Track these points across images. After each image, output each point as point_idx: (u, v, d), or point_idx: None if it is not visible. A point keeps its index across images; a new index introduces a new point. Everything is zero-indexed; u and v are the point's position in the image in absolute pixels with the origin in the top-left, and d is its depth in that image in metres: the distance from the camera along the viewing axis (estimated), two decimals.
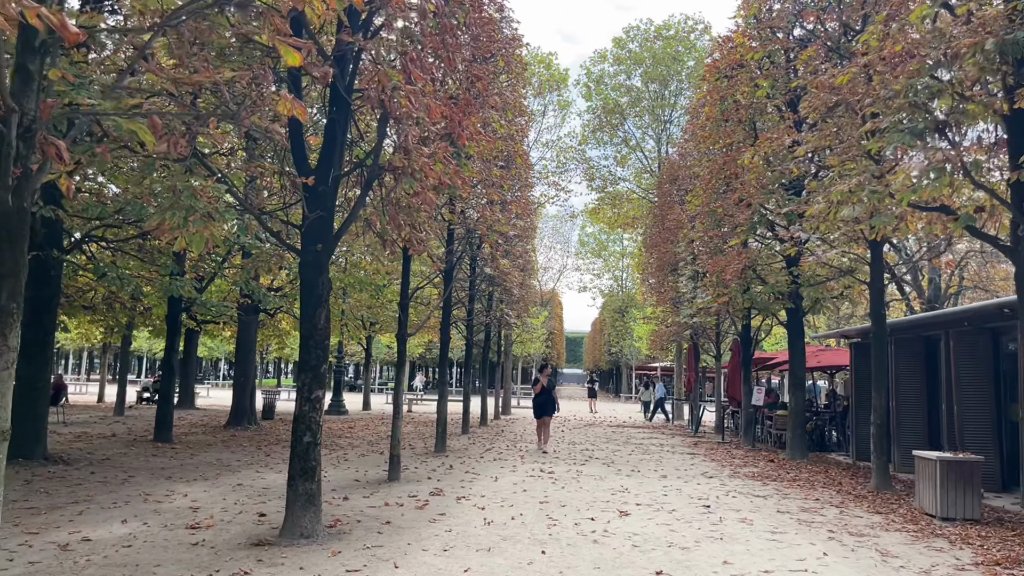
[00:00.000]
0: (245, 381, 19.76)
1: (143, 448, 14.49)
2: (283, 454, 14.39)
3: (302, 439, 7.36)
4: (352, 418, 25.70)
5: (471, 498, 9.94)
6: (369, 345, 31.98)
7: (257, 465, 12.69)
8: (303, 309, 7.52)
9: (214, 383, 58.97)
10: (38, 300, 11.75)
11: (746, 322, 19.06)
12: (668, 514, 9.06)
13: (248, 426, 19.46)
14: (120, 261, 14.83)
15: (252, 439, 17.12)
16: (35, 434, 11.56)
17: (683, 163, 25.32)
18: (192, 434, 17.81)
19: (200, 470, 11.86)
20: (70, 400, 29.92)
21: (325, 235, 7.51)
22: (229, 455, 13.98)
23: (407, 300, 11.89)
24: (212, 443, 15.95)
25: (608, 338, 63.63)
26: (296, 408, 7.45)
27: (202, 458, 13.39)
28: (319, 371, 7.46)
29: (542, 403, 16.57)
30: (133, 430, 18.37)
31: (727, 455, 16.40)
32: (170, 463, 12.56)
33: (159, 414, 15.78)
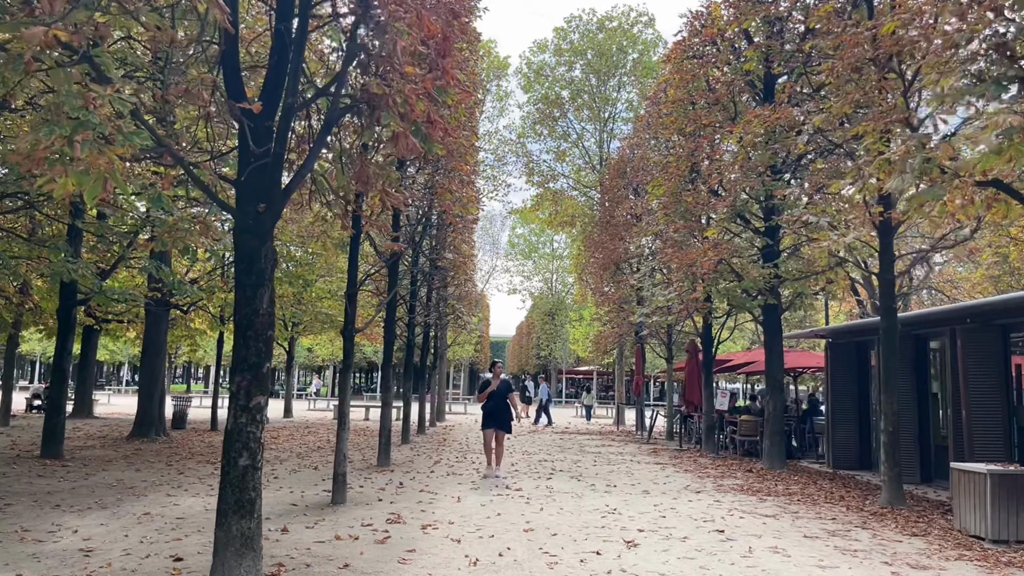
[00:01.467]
0: (153, 386, 17.34)
1: (26, 466, 12.09)
2: (200, 471, 12.26)
3: (237, 462, 5.51)
4: (274, 426, 23.41)
5: (439, 526, 8.22)
6: (292, 347, 29.60)
7: (168, 486, 10.59)
8: (239, 289, 5.68)
9: (116, 389, 54.66)
10: None
11: (708, 321, 17.95)
12: (682, 543, 7.59)
13: (156, 437, 17.05)
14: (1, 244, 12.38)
15: (160, 453, 14.82)
16: None
17: (633, 156, 24.19)
18: (88, 448, 15.35)
19: (96, 495, 9.69)
20: None
21: (270, 191, 5.70)
22: (133, 474, 11.77)
23: (355, 290, 10.07)
24: (112, 459, 13.62)
25: (537, 341, 62.48)
26: (229, 420, 5.60)
27: (99, 478, 11.16)
28: (260, 370, 5.63)
29: (492, 411, 12.60)
30: (17, 443, 15.73)
31: (696, 464, 15.15)
32: (59, 486, 10.31)
33: (47, 425, 13.34)
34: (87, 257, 13.18)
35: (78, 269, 9.01)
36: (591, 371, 61.34)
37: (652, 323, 19.46)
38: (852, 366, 14.89)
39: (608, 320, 26.99)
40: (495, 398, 12.67)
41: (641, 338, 24.57)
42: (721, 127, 14.27)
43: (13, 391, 22.40)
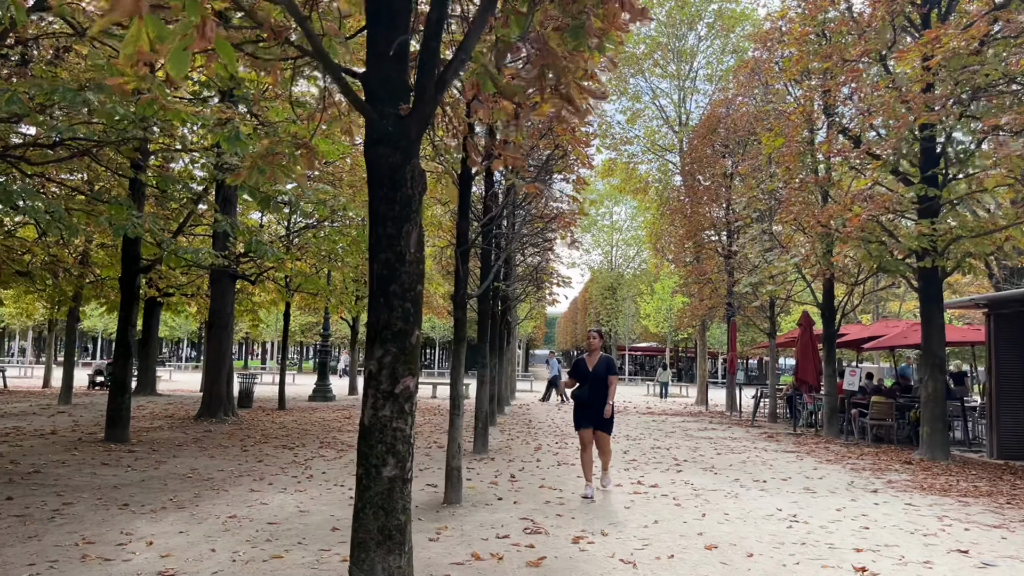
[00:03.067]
0: (220, 363, 16.04)
1: (89, 452, 10.80)
2: (279, 459, 10.81)
3: (380, 471, 3.86)
4: (343, 405, 22.10)
5: (591, 538, 6.53)
6: (355, 323, 28.29)
7: (249, 478, 9.13)
8: (377, 226, 3.99)
9: (176, 365, 54.54)
10: None
11: (831, 289, 15.87)
12: (928, 570, 5.76)
13: (225, 418, 15.77)
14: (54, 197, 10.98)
15: (232, 436, 13.48)
16: None
17: (727, 112, 22.01)
18: (155, 429, 14.10)
19: (170, 489, 8.26)
20: (9, 386, 25.83)
21: (405, 89, 4.02)
22: (207, 462, 10.37)
23: (467, 246, 8.35)
24: (181, 442, 12.29)
25: (596, 316, 60.51)
26: (366, 412, 3.95)
27: (170, 467, 9.77)
28: (408, 340, 3.96)
29: (588, 401, 8.64)
30: (80, 424, 14.57)
31: (833, 453, 13.21)
32: (126, 477, 8.92)
33: (111, 405, 12.05)
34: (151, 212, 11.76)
35: (144, 222, 7.52)
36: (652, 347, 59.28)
37: (766, 293, 17.43)
38: (1020, 340, 12.73)
39: (695, 292, 24.98)
40: (592, 382, 8.67)
41: (733, 310, 22.56)
42: (872, 60, 12.12)
43: (75, 368, 21.48)
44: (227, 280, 16.19)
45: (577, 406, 8.87)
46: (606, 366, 8.77)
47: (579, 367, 8.91)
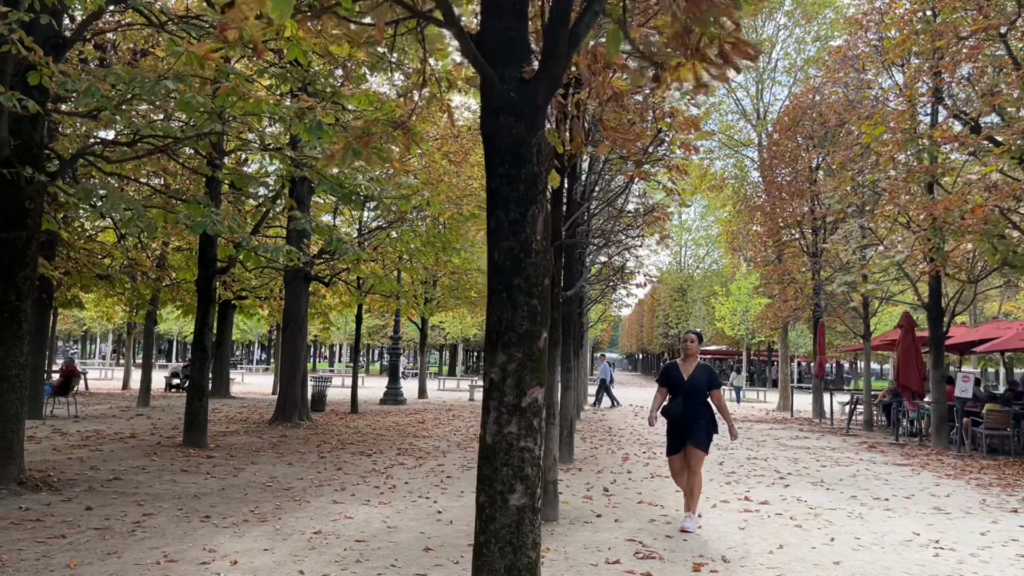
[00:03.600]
0: (294, 366, 15.82)
1: (168, 457, 10.58)
2: (358, 467, 10.39)
3: (506, 499, 3.26)
4: (414, 408, 21.76)
5: (712, 565, 5.82)
6: (424, 325, 28.01)
7: (330, 487, 8.70)
8: (498, 210, 3.40)
9: (248, 368, 55.53)
10: (5, 246, 7.79)
11: (938, 288, 14.68)
12: None
13: (299, 421, 15.54)
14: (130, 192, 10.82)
15: (308, 441, 13.17)
16: (4, 446, 7.63)
17: (815, 100, 20.85)
18: (231, 433, 13.92)
19: (250, 499, 7.88)
20: (90, 388, 26.41)
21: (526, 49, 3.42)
22: (285, 469, 10.01)
23: (562, 240, 7.72)
24: (258, 448, 12.02)
25: (664, 319, 59.14)
26: (489, 429, 3.35)
27: (249, 475, 9.44)
28: (536, 344, 3.34)
29: (682, 418, 7.08)
30: (158, 427, 14.53)
31: (949, 466, 12.10)
32: (206, 485, 8.60)
33: (190, 409, 11.86)
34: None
35: (224, 219, 7.16)
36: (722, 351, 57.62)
37: (864, 292, 16.30)
38: None
39: (777, 292, 23.81)
40: (687, 394, 7.06)
41: (821, 311, 21.37)
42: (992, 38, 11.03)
43: (152, 370, 21.72)
44: (301, 282, 15.97)
45: (670, 424, 7.17)
46: (707, 376, 7.14)
47: (670, 376, 7.23)
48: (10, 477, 7.61)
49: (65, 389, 17.00)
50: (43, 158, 8.14)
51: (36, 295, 16.90)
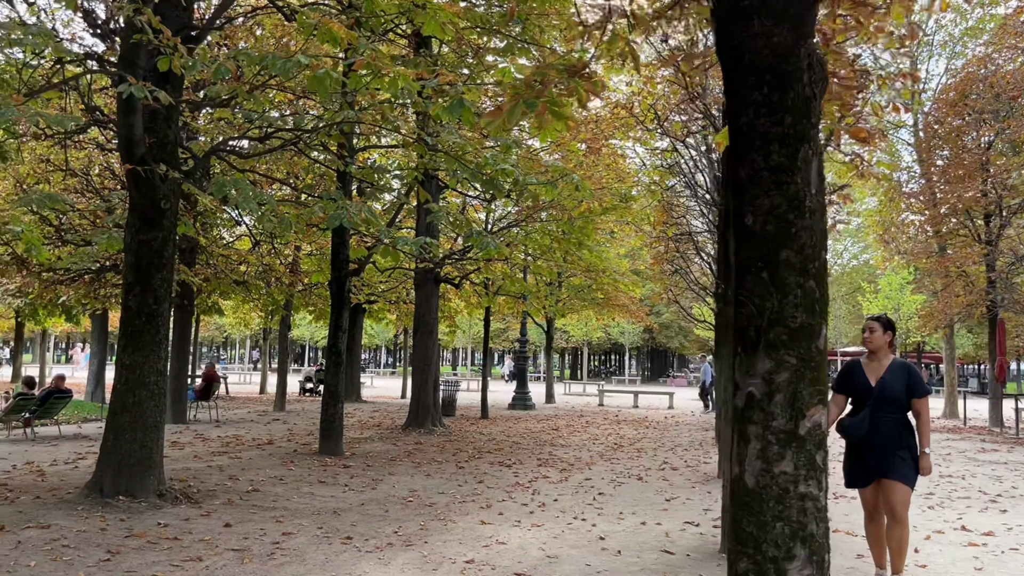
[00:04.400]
0: (426, 370, 15.33)
1: (305, 467, 10.18)
2: (499, 479, 9.59)
3: (782, 568, 2.24)
4: (546, 414, 20.93)
5: None
6: (550, 327, 27.19)
7: (474, 503, 7.94)
8: (751, 156, 2.41)
9: (375, 372, 56.65)
10: (142, 248, 7.49)
11: None
12: None
13: (432, 428, 15.01)
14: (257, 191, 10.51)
15: (444, 449, 12.56)
16: (143, 456, 7.30)
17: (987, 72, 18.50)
18: (365, 440, 13.53)
19: (392, 517, 7.21)
20: (231, 392, 27.26)
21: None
22: (424, 481, 9.35)
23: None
24: (394, 456, 11.49)
25: None
26: (751, 464, 2.35)
27: (388, 487, 8.82)
28: (813, 345, 2.32)
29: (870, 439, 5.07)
30: (294, 433, 14.37)
31: None
32: (344, 500, 8.03)
33: (325, 416, 11.49)
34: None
35: (360, 211, 6.54)
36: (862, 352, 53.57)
37: None
38: None
39: (940, 287, 21.40)
40: (875, 404, 5.07)
41: (996, 308, 18.94)
42: None
43: (287, 374, 22.00)
44: (431, 284, 15.47)
45: (850, 447, 5.24)
46: (906, 379, 5.06)
47: (851, 379, 5.24)
48: (150, 489, 7.28)
49: (207, 394, 17.30)
50: (178, 156, 7.83)
51: (178, 301, 17.40)
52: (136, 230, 7.51)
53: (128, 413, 7.29)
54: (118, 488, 7.16)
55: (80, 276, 15.36)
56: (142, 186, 7.41)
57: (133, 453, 7.25)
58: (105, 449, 7.31)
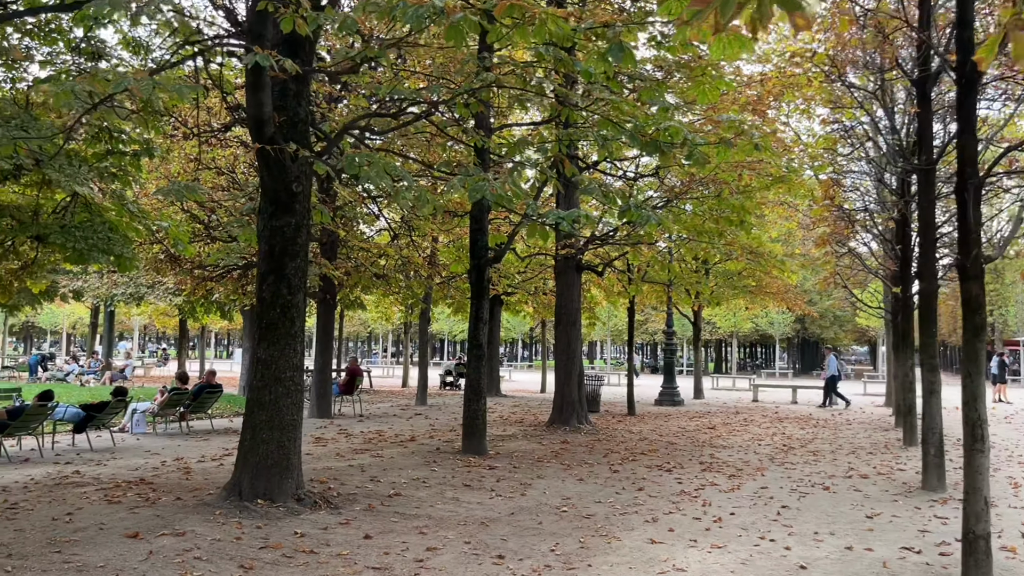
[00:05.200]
0: (571, 363, 14.43)
1: (449, 468, 9.53)
2: (661, 486, 8.51)
3: None
4: (697, 411, 19.51)
5: None
6: (698, 318, 25.57)
7: (638, 515, 6.93)
8: None
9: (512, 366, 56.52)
10: (274, 234, 7.01)
11: None
12: None
13: (578, 425, 14.10)
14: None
15: (593, 449, 11.61)
16: (281, 457, 6.82)
17: None
18: (509, 438, 12.81)
19: (546, 531, 6.33)
20: (374, 386, 27.59)
21: None
22: (577, 486, 8.43)
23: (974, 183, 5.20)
24: (541, 457, 10.65)
25: None
26: None
27: (539, 493, 7.97)
28: None
29: None
30: (436, 429, 13.88)
31: None
32: (492, 508, 7.25)
33: (468, 413, 10.83)
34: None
35: (504, 183, 5.70)
36: None
37: None
38: None
39: None
40: None
41: None
42: None
43: (428, 368, 21.80)
44: (572, 272, 14.55)
45: None
46: None
47: None
48: (288, 492, 6.78)
49: (350, 388, 17.23)
50: (309, 135, 7.30)
51: (321, 296, 17.50)
52: (268, 216, 7.04)
53: (264, 411, 6.83)
54: (256, 491, 6.70)
55: (228, 272, 15.62)
56: (273, 168, 6.92)
57: (271, 454, 6.78)
58: (243, 449, 6.89)
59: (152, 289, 22.40)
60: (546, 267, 20.63)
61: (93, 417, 10.80)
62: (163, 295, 22.69)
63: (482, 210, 10.91)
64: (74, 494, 7.24)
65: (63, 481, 7.96)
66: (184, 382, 13.39)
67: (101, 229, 10.19)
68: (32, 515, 6.31)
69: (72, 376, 23.68)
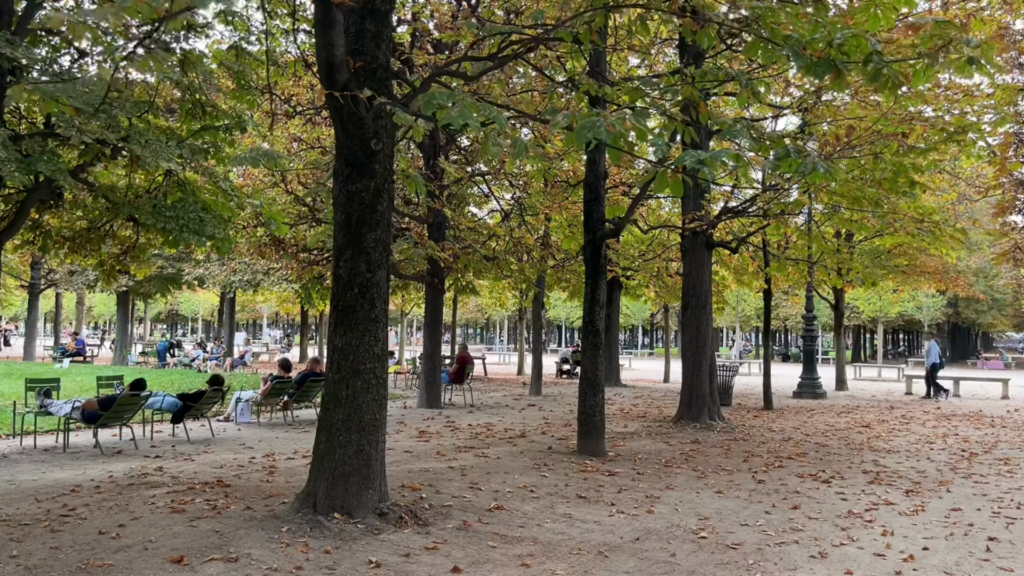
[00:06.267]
0: (699, 351, 12.82)
1: (561, 472, 8.27)
2: (822, 500, 6.91)
3: None
4: (840, 405, 17.31)
5: None
6: (839, 301, 23.06)
7: (799, 544, 5.42)
8: None
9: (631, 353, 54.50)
10: (351, 201, 5.94)
11: None
12: None
13: (710, 422, 12.50)
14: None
15: (729, 451, 10.03)
16: (360, 463, 5.76)
17: None
18: (630, 435, 11.41)
19: (683, 567, 4.95)
20: (488, 373, 26.73)
21: None
22: (716, 501, 6.97)
23: None
24: (669, 460, 9.20)
25: None
26: None
27: (669, 510, 6.57)
28: None
29: None
30: (549, 423, 12.68)
31: None
32: (612, 529, 5.93)
33: (583, 408, 9.52)
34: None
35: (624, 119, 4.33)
36: None
37: None
38: None
39: None
40: None
41: None
42: None
43: (543, 355, 20.66)
44: (702, 250, 12.91)
45: None
46: None
47: None
48: (368, 505, 5.73)
49: (461, 377, 16.31)
50: (390, 84, 6.18)
51: (430, 279, 16.63)
52: (344, 179, 5.99)
53: (342, 409, 5.80)
54: (332, 502, 5.69)
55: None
56: (347, 122, 5.85)
57: (348, 459, 5.74)
58: (318, 452, 5.90)
59: (267, 275, 22.45)
60: (669, 247, 18.95)
61: (190, 407, 10.29)
62: (277, 281, 22.65)
63: (597, 176, 9.53)
64: (142, 497, 6.51)
65: (139, 480, 7.30)
66: (287, 370, 12.80)
67: (193, 209, 9.59)
68: (82, 526, 5.56)
69: (198, 362, 24.16)
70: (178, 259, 25.06)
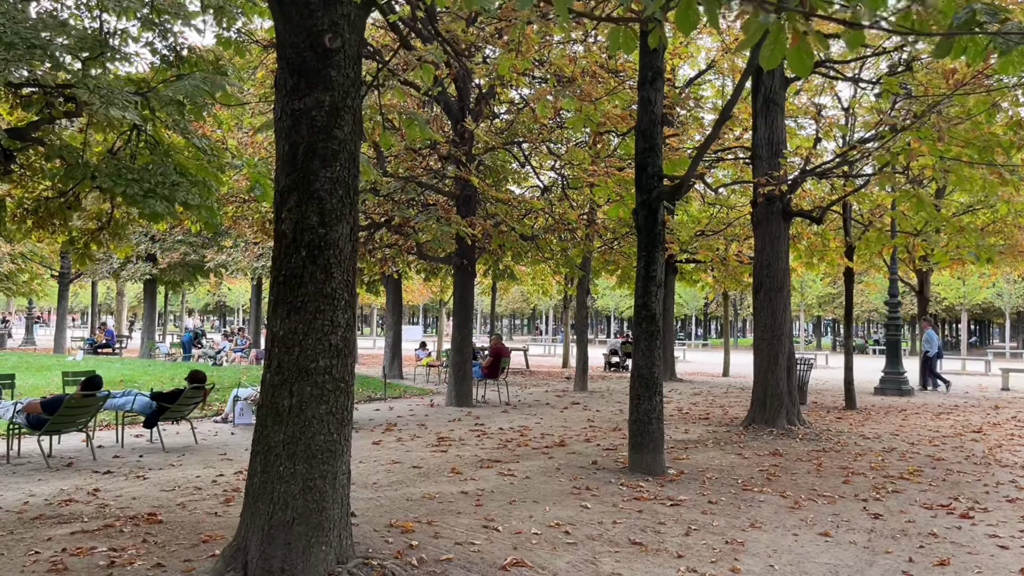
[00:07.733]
0: (776, 342, 10.70)
1: (607, 499, 6.32)
2: (976, 551, 4.84)
3: None
4: (932, 402, 14.89)
5: None
6: (924, 286, 20.53)
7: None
8: None
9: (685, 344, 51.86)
10: (297, 123, 4.08)
11: None
12: None
13: (789, 427, 10.39)
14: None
15: (820, 464, 7.95)
16: (308, 507, 3.92)
17: None
18: (693, 445, 9.40)
19: None
20: (531, 366, 24.81)
21: None
22: (823, 547, 4.96)
23: None
24: (745, 480, 7.18)
25: None
26: None
27: (761, 566, 4.60)
28: None
29: None
30: (595, 426, 10.74)
31: None
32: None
33: (636, 414, 7.54)
34: None
35: None
36: None
37: None
38: None
39: None
40: None
41: None
42: None
43: (589, 346, 18.66)
44: (777, 220, 10.78)
45: None
46: None
47: None
48: (319, 569, 3.89)
49: (495, 371, 14.44)
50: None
51: (458, 260, 14.74)
52: (288, 93, 4.15)
53: (282, 426, 3.98)
54: (268, 564, 3.88)
55: None
56: (287, 7, 4.00)
57: (291, 500, 3.92)
58: (251, 490, 4.09)
59: None
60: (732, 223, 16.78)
61: (165, 408, 8.64)
62: None
63: (652, 119, 7.52)
64: (34, 540, 4.80)
65: (53, 510, 5.61)
66: None
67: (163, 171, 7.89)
68: None
69: (223, 354, 22.84)
70: (202, 245, 23.76)
